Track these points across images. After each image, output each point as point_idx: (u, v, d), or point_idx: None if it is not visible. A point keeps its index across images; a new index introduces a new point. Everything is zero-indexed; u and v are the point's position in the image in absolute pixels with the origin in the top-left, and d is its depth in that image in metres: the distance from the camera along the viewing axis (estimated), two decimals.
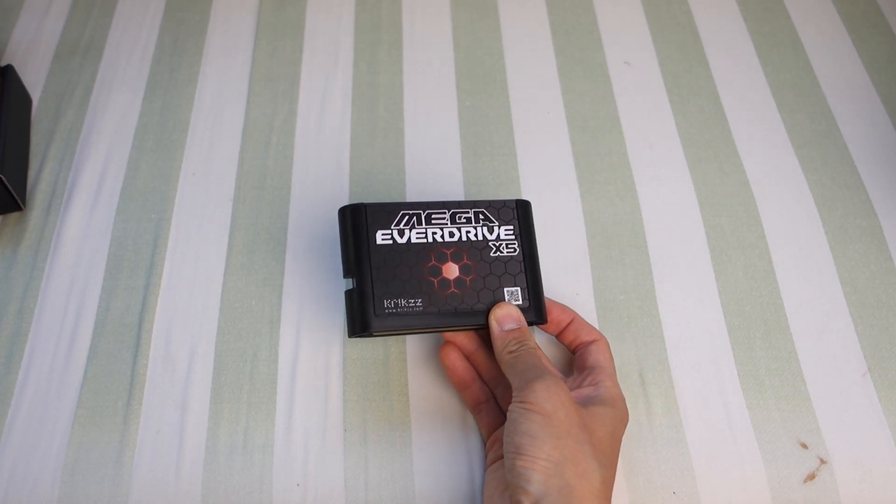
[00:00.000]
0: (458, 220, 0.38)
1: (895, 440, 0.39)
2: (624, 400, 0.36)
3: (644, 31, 0.56)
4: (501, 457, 0.36)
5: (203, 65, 0.54)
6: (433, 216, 0.38)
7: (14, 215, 0.46)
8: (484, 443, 0.39)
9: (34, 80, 0.53)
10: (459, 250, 0.37)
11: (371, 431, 0.39)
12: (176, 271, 0.44)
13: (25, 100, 0.50)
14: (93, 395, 0.40)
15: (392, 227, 0.37)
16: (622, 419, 0.35)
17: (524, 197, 0.47)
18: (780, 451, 0.39)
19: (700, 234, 0.46)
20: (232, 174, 0.48)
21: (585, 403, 0.34)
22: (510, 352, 0.35)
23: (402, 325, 0.36)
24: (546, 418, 0.31)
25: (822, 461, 0.38)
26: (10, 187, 0.44)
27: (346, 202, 0.47)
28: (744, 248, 0.45)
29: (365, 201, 0.42)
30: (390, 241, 0.37)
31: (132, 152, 0.49)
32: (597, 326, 0.42)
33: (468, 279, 0.37)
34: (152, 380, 0.40)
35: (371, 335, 0.36)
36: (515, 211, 0.39)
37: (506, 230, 0.39)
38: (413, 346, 0.42)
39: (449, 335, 0.39)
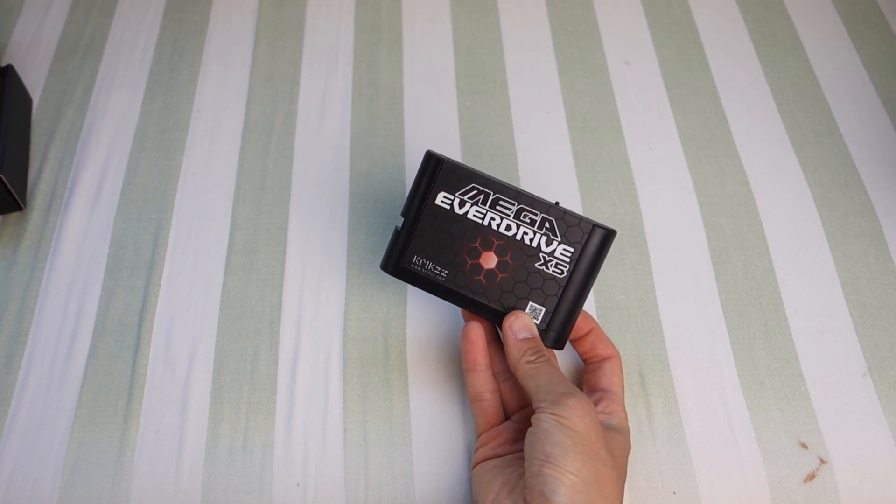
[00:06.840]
0: (521, 218, 0.36)
1: (895, 440, 0.39)
2: (629, 431, 0.36)
3: (644, 31, 0.56)
4: (497, 455, 0.36)
5: (203, 65, 0.54)
6: (500, 202, 0.36)
7: (14, 215, 0.46)
8: (476, 437, 0.38)
9: (34, 80, 0.53)
10: (507, 246, 0.36)
11: (371, 431, 0.39)
12: (176, 271, 0.44)
13: (25, 100, 0.50)
14: (93, 395, 0.40)
15: (456, 194, 0.36)
16: (629, 449, 0.35)
17: None
18: (780, 451, 0.39)
19: (700, 234, 0.46)
20: (232, 174, 0.48)
21: (604, 428, 0.34)
22: (528, 361, 0.34)
23: (418, 284, 0.37)
24: (580, 436, 0.31)
25: (823, 461, 0.38)
26: (10, 187, 0.44)
27: (346, 202, 0.47)
28: (744, 248, 0.45)
29: (450, 158, 0.37)
30: (448, 207, 0.36)
31: (132, 152, 0.49)
32: None
33: (500, 276, 0.36)
34: (152, 380, 0.40)
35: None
36: (587, 236, 0.36)
37: (564, 250, 0.36)
38: (413, 346, 0.42)
39: (472, 317, 0.38)
